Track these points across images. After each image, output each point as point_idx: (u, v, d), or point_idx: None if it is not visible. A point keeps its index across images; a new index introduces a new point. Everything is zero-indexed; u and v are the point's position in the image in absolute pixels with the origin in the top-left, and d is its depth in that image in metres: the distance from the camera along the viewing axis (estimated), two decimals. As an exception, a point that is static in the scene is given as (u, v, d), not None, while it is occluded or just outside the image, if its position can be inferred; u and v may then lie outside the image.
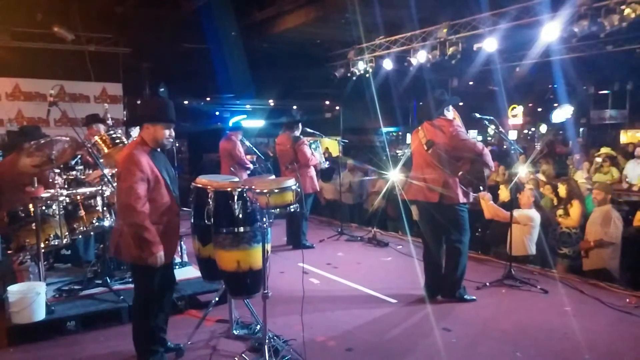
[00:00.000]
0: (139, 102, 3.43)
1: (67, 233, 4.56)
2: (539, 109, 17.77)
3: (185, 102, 13.93)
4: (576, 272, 5.83)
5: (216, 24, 11.00)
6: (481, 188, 4.85)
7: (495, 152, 10.61)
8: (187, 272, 5.19)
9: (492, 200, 6.37)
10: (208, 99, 15.29)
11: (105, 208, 4.78)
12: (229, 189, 3.63)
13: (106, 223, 4.77)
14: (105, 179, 4.74)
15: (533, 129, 17.28)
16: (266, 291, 3.64)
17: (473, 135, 17.15)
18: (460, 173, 4.68)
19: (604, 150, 10.34)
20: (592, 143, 13.05)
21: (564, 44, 9.38)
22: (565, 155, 12.21)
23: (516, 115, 16.21)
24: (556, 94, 14.36)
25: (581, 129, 16.06)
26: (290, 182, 3.66)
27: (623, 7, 7.23)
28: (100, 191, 4.76)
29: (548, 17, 8.07)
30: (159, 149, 3.46)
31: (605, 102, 16.68)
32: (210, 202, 3.63)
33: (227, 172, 7.27)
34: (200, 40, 11.61)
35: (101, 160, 4.81)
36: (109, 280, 4.69)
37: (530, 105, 16.79)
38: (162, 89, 6.99)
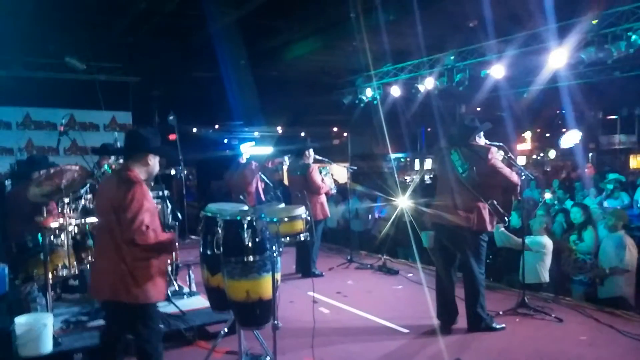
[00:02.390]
0: (139, 130, 3.41)
1: (75, 263, 4.53)
2: (547, 135, 17.75)
3: (194, 129, 14.05)
4: (591, 300, 5.71)
5: (225, 52, 11.16)
6: (506, 219, 4.84)
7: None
8: (196, 302, 5.12)
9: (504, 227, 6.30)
10: (217, 126, 15.41)
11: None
12: (238, 218, 3.61)
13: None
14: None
15: (542, 155, 17.23)
16: (276, 322, 3.58)
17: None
18: (490, 201, 4.68)
19: (613, 175, 10.26)
20: (601, 168, 12.95)
21: (572, 69, 9.40)
22: (574, 180, 12.12)
23: (524, 141, 16.20)
24: (564, 119, 14.37)
25: (590, 154, 16.02)
26: (301, 211, 3.64)
27: (630, 33, 7.28)
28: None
29: (555, 44, 8.13)
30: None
31: (614, 127, 16.66)
32: (220, 231, 3.60)
33: (237, 200, 7.25)
34: (210, 68, 11.77)
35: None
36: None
37: (538, 130, 16.78)
38: (171, 117, 7.04)
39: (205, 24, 10.37)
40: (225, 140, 15.66)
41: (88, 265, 4.78)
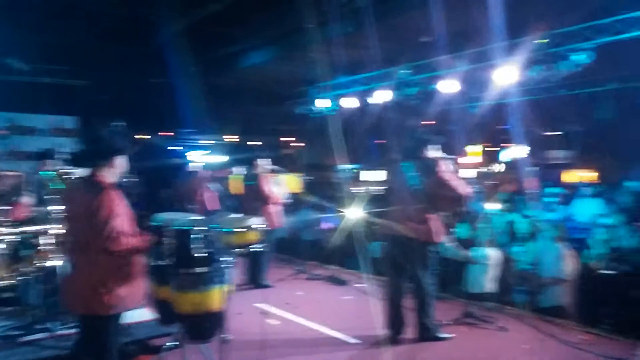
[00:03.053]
0: (102, 133, 3.26)
1: (10, 274, 4.30)
2: (494, 149, 18.38)
3: (145, 136, 13.71)
4: (532, 309, 5.91)
5: (178, 58, 10.97)
6: (454, 230, 4.96)
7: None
8: (140, 315, 4.95)
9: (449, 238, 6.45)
10: (167, 133, 15.09)
11: (51, 248, 4.53)
12: (189, 228, 3.53)
13: (52, 264, 4.51)
14: (54, 217, 4.52)
15: (489, 168, 17.80)
16: (224, 335, 3.51)
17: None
18: (439, 212, 4.78)
19: (555, 189, 10.71)
20: (542, 182, 13.48)
21: (520, 86, 9.77)
22: (517, 193, 12.56)
23: (472, 154, 16.70)
24: (511, 134, 14.92)
25: (531, 169, 16.71)
26: (255, 221, 3.60)
27: (575, 53, 7.64)
28: (47, 229, 4.52)
29: (504, 61, 8.42)
30: None
31: (554, 144, 17.46)
32: (169, 241, 3.51)
33: (187, 209, 7.12)
34: (161, 74, 11.53)
35: (51, 197, 4.60)
36: (52, 325, 4.41)
37: (486, 145, 17.31)
38: (120, 123, 6.84)
39: (157, 29, 10.18)
40: (177, 148, 15.36)
41: (24, 276, 4.56)
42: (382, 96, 10.44)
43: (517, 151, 9.35)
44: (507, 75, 8.49)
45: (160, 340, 4.34)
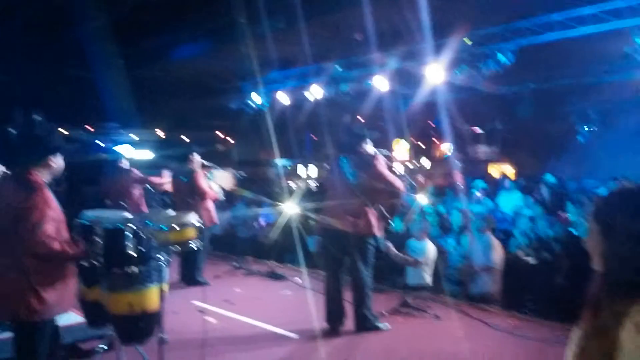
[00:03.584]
0: (35, 130, 3.03)
1: None
2: (423, 145, 19.02)
3: (65, 131, 12.97)
4: (465, 298, 6.16)
5: (102, 49, 10.45)
6: (390, 222, 5.06)
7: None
8: (68, 318, 4.67)
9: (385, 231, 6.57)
10: (90, 128, 14.36)
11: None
12: (121, 226, 3.37)
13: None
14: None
15: (417, 164, 18.44)
16: (161, 336, 3.39)
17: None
18: (376, 206, 4.85)
19: (480, 183, 11.22)
20: (468, 177, 14.10)
21: (447, 85, 10.12)
22: (446, 187, 13.06)
23: (401, 150, 17.20)
24: (438, 131, 15.51)
25: (458, 164, 17.47)
26: (192, 218, 3.50)
27: (498, 53, 8.01)
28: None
29: (432, 59, 8.70)
30: None
31: (479, 139, 18.36)
32: (99, 240, 3.33)
33: (117, 207, 6.79)
34: (82, 66, 10.93)
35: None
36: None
37: (414, 140, 17.89)
38: (38, 117, 6.40)
39: (77, 19, 9.63)
40: (100, 143, 14.67)
41: None
42: (315, 92, 10.48)
43: (448, 147, 9.72)
44: (434, 73, 8.78)
45: (91, 343, 4.13)
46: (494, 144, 18.42)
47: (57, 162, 3.12)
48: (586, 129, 14.92)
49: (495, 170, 17.99)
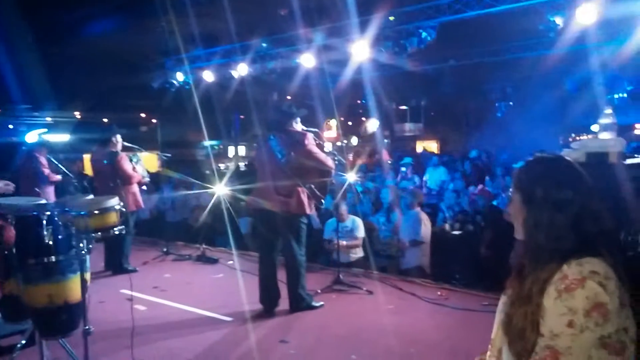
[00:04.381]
0: None
1: None
2: (350, 123, 19.26)
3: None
4: (395, 272, 6.32)
5: (7, 23, 9.62)
6: (322, 201, 5.03)
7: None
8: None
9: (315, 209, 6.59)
10: (-1, 109, 13.32)
11: None
12: (35, 213, 3.13)
13: None
14: None
15: (345, 142, 18.68)
16: (87, 327, 3.21)
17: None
18: (307, 185, 4.80)
19: (407, 160, 11.52)
20: (394, 153, 14.44)
21: (372, 62, 10.21)
22: (374, 164, 13.32)
23: (330, 128, 17.32)
24: (365, 109, 15.72)
25: (386, 141, 17.85)
26: (113, 202, 3.31)
27: (421, 30, 8.15)
28: None
29: (357, 37, 8.72)
30: None
31: (405, 117, 18.84)
32: (11, 229, 3.08)
33: (29, 193, 6.34)
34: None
35: None
36: None
37: (342, 119, 18.06)
38: None
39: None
40: (10, 126, 13.64)
41: None
42: (241, 70, 10.25)
43: (375, 124, 9.84)
44: (360, 51, 8.82)
45: (11, 340, 3.84)
46: (419, 121, 18.99)
47: None
48: (503, 105, 15.66)
49: (422, 146, 18.54)
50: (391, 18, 8.46)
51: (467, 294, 5.26)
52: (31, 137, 7.24)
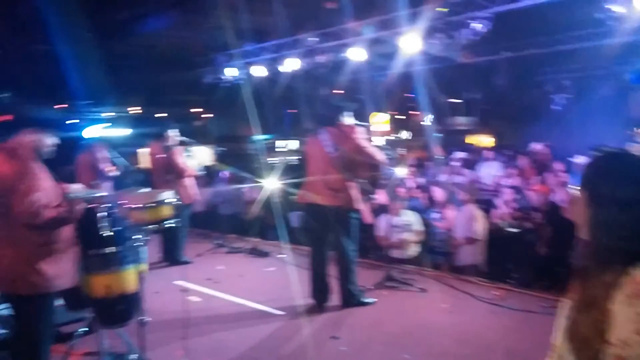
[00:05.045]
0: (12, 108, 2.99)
1: None
2: (401, 117, 18.94)
3: (34, 109, 12.54)
4: (449, 270, 6.16)
5: (69, 23, 9.99)
6: (371, 196, 4.97)
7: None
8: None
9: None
10: (61, 106, 13.89)
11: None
12: (95, 205, 3.21)
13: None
14: None
15: (396, 136, 18.43)
16: (143, 317, 3.28)
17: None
18: (357, 179, 4.74)
19: (460, 154, 11.22)
20: (446, 147, 14.13)
21: (423, 55, 9.99)
22: (425, 159, 13.06)
23: (380, 122, 17.11)
24: (416, 102, 15.42)
25: (437, 135, 17.50)
26: (168, 195, 3.35)
27: (473, 22, 7.89)
28: None
29: (407, 29, 8.54)
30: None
31: (457, 110, 18.36)
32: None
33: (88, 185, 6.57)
34: (50, 41, 10.46)
35: None
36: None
37: (393, 113, 17.79)
38: (5, 95, 6.13)
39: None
40: (73, 121, 14.23)
41: None
42: (291, 64, 10.25)
43: (427, 118, 9.62)
44: (410, 43, 8.62)
45: (72, 327, 3.98)
46: (472, 114, 18.47)
47: (39, 138, 3.05)
48: (561, 97, 15.02)
49: (475, 140, 18.05)
50: (443, 9, 8.23)
51: (525, 295, 5.06)
52: (91, 131, 7.49)
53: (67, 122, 12.98)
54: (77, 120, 13.07)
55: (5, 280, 2.91)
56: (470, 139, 18.10)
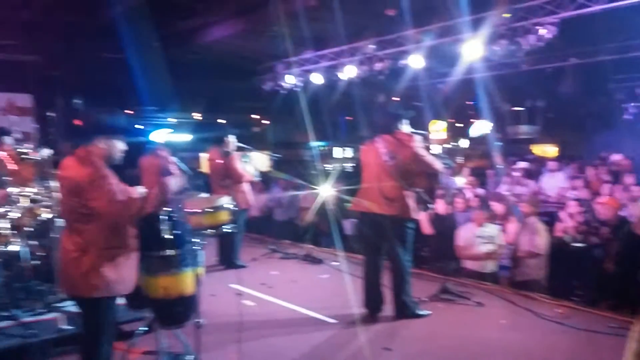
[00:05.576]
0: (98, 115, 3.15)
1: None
2: (459, 125, 18.53)
3: (105, 115, 13.18)
4: (508, 284, 5.93)
5: (136, 33, 10.46)
6: (429, 206, 4.87)
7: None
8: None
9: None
10: (128, 111, 14.54)
11: (12, 231, 4.26)
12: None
13: (14, 248, 4.26)
14: (12, 199, 4.24)
15: (454, 144, 18.01)
16: (199, 319, 3.34)
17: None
18: (414, 188, 4.68)
19: (522, 164, 10.83)
20: (507, 157, 13.71)
21: (484, 61, 9.76)
22: (484, 168, 12.70)
23: (438, 130, 16.81)
24: (476, 109, 15.05)
25: (498, 144, 16.94)
26: (225, 200, 3.41)
27: (539, 27, 7.62)
28: (7, 212, 4.24)
29: (469, 35, 8.36)
30: None
31: (519, 118, 17.76)
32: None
33: (151, 189, 6.81)
34: (119, 49, 10.98)
35: (7, 178, 4.31)
36: (17, 312, 4.16)
37: (451, 120, 17.44)
38: (77, 101, 6.48)
39: (112, 1, 9.67)
40: (139, 127, 14.84)
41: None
42: (349, 72, 10.27)
43: (486, 126, 9.34)
44: (472, 50, 8.44)
45: (131, 325, 4.13)
46: (535, 123, 17.80)
47: (110, 144, 3.16)
48: (632, 106, 14.26)
49: (538, 150, 17.41)
50: (507, 15, 8.00)
51: (591, 314, 4.79)
52: (157, 136, 7.75)
53: (134, 127, 13.57)
54: (143, 126, 13.62)
55: (69, 282, 3.03)
56: (533, 149, 17.47)
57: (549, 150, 16.61)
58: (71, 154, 3.17)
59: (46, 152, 4.83)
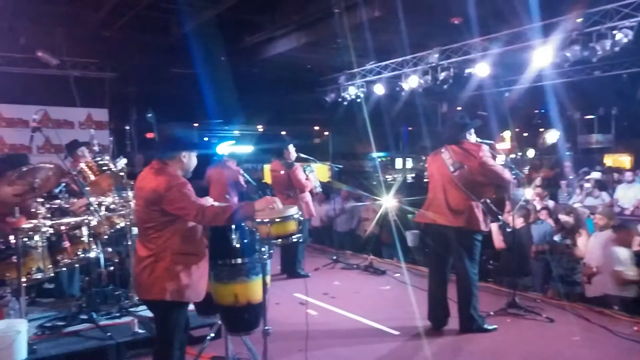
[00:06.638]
0: (168, 130, 3.36)
1: (50, 266, 4.28)
2: (526, 134, 17.95)
3: (181, 130, 13.81)
4: (580, 300, 5.67)
5: (204, 48, 10.91)
6: (499, 217, 4.74)
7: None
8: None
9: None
10: (196, 124, 15.13)
11: (91, 239, 4.53)
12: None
13: (92, 254, 4.53)
14: (92, 208, 4.51)
15: (520, 154, 17.44)
16: (267, 327, 3.42)
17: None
18: (482, 200, 4.58)
19: (594, 175, 10.34)
20: (579, 167, 13.13)
21: (553, 68, 9.42)
22: (553, 178, 12.21)
23: (504, 140, 16.35)
24: (543, 118, 14.53)
25: (568, 154, 16.22)
26: (293, 211, 3.48)
27: (615, 32, 7.27)
28: (86, 221, 4.52)
29: (539, 42, 8.10)
30: None
31: (591, 127, 16.97)
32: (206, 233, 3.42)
33: (219, 199, 7.04)
34: (188, 65, 11.49)
35: (87, 188, 4.60)
36: (95, 316, 4.41)
37: (517, 129, 16.94)
38: (149, 115, 6.84)
39: (183, 19, 10.13)
40: (205, 139, 15.39)
41: (64, 268, 4.57)
42: (412, 82, 10.20)
43: (555, 135, 8.98)
44: (541, 57, 8.17)
45: (202, 331, 4.28)
46: (608, 132, 16.94)
47: (188, 158, 3.29)
48: None
49: (611, 160, 16.56)
50: (578, 20, 7.69)
51: (672, 333, 4.50)
52: (222, 148, 8.00)
53: (203, 139, 14.10)
54: (208, 138, 14.11)
55: (143, 287, 3.13)
56: (607, 159, 16.63)
57: (623, 159, 15.74)
58: (147, 166, 3.33)
59: (122, 163, 5.10)
